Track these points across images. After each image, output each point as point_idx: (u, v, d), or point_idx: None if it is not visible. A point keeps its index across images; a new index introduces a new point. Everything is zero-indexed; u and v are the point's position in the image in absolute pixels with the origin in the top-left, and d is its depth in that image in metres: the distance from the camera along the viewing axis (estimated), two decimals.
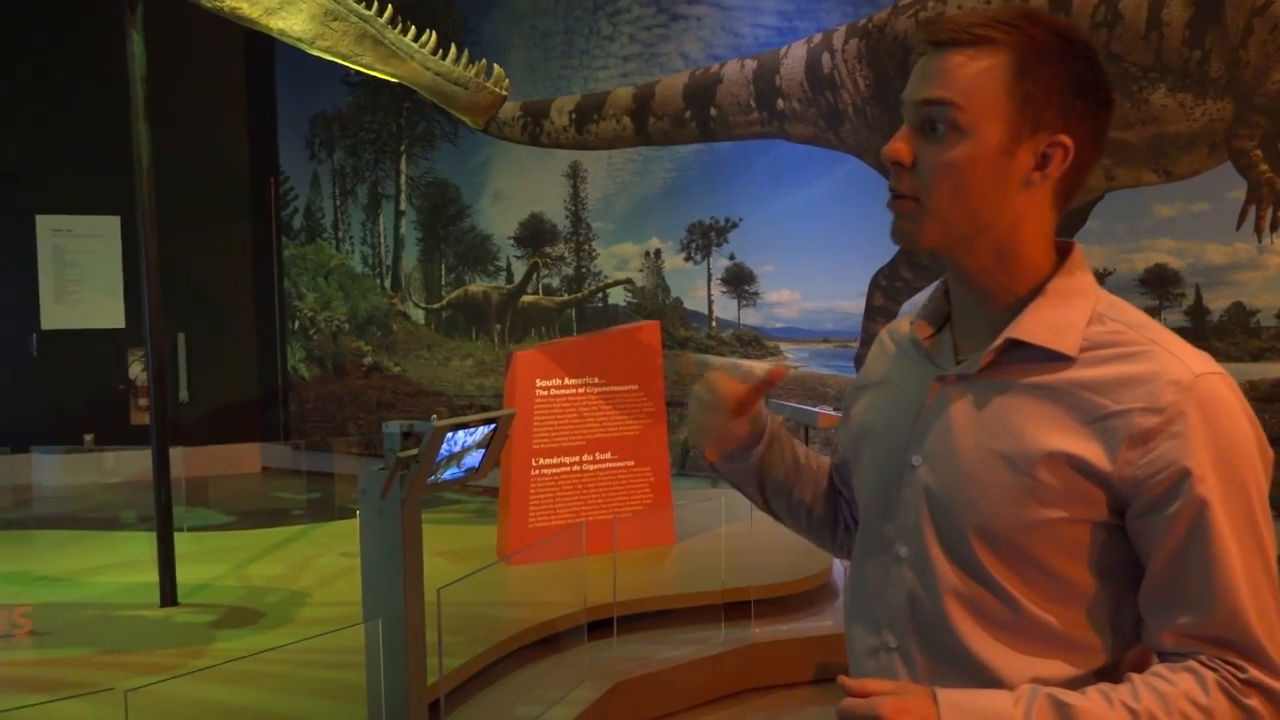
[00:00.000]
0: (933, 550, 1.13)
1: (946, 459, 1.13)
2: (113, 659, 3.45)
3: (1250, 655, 1.04)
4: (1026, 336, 1.10)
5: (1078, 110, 1.09)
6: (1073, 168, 1.11)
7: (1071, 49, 1.09)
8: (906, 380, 1.23)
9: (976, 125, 1.07)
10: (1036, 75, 1.08)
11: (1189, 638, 1.05)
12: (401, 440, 2.54)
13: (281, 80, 8.94)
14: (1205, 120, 5.68)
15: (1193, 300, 5.77)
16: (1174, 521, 1.04)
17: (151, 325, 4.12)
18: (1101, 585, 1.09)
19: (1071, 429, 1.06)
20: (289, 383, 9.18)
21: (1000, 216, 1.10)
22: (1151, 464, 1.04)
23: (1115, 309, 1.12)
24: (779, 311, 7.14)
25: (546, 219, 7.97)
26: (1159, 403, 1.04)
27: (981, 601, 1.10)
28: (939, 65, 1.09)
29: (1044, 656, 1.09)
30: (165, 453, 4.16)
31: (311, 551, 5.09)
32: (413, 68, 3.89)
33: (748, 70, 7.04)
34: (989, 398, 1.12)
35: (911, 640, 1.15)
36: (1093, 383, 1.07)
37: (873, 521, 1.23)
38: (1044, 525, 1.07)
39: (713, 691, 3.91)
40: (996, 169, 1.08)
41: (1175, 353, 1.07)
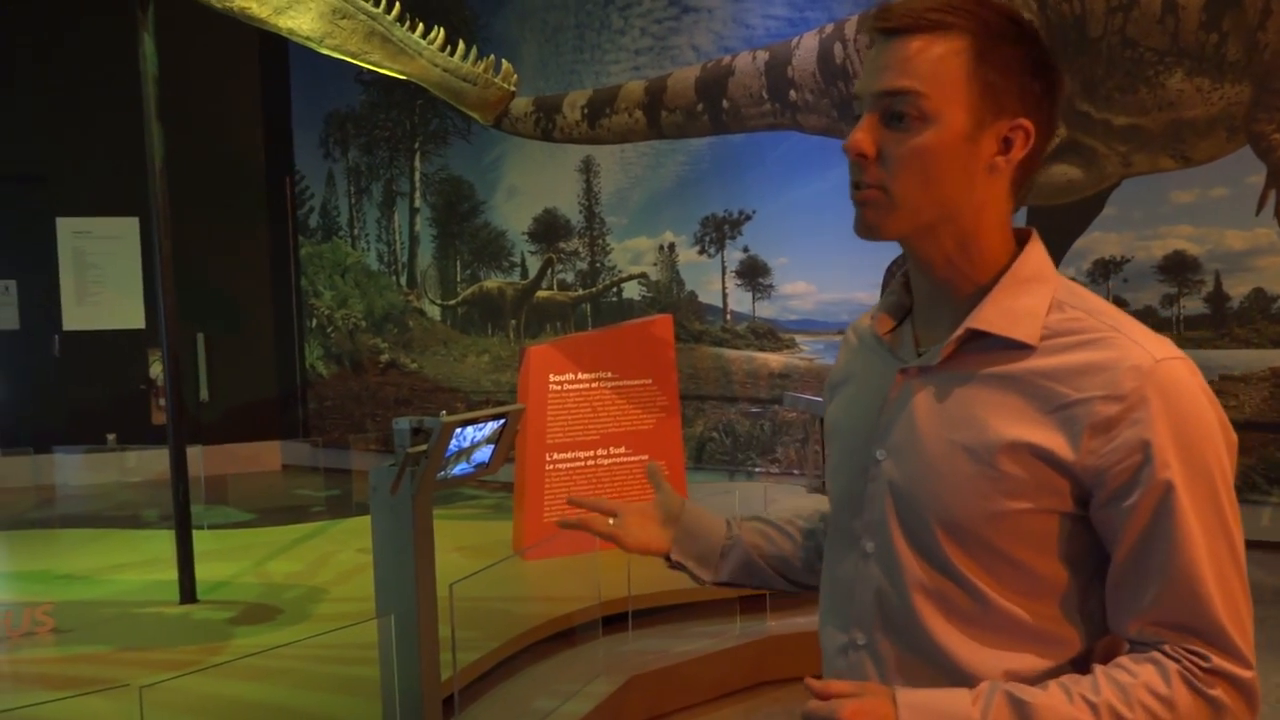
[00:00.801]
0: (898, 545, 1.13)
1: (910, 452, 1.13)
2: (132, 655, 3.49)
3: (1214, 642, 1.02)
4: (986, 326, 1.09)
5: (1035, 92, 1.08)
6: (1031, 152, 1.10)
7: (1022, 31, 1.08)
8: (870, 375, 1.22)
9: (941, 112, 1.06)
10: (995, 59, 1.06)
11: (1153, 625, 1.04)
12: (411, 436, 2.55)
13: (296, 79, 8.98)
14: (1223, 104, 5.60)
15: (1212, 287, 5.71)
16: (1138, 507, 1.03)
17: (167, 325, 4.15)
18: (1069, 576, 1.08)
19: (1033, 419, 1.05)
20: (307, 380, 9.24)
21: (966, 204, 1.09)
22: (1114, 451, 1.03)
23: (1075, 296, 1.11)
24: (794, 304, 7.12)
25: (560, 214, 7.97)
26: (1120, 390, 1.03)
27: (948, 595, 1.10)
28: (897, 54, 1.07)
29: (1013, 649, 1.08)
30: (183, 451, 4.19)
31: (329, 548, 5.13)
32: (421, 65, 3.89)
33: (759, 62, 7.01)
34: (951, 389, 1.11)
35: (880, 637, 1.15)
36: (1053, 371, 1.06)
37: (841, 518, 1.23)
38: (1008, 516, 1.06)
39: (728, 685, 3.91)
40: (962, 155, 1.07)
41: (1135, 339, 1.05)
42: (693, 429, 7.22)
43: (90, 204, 8.39)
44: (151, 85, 4.05)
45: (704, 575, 1.43)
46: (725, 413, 7.33)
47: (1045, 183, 6.03)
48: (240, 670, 3.04)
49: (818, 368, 7.03)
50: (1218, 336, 5.66)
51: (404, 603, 2.64)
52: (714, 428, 7.35)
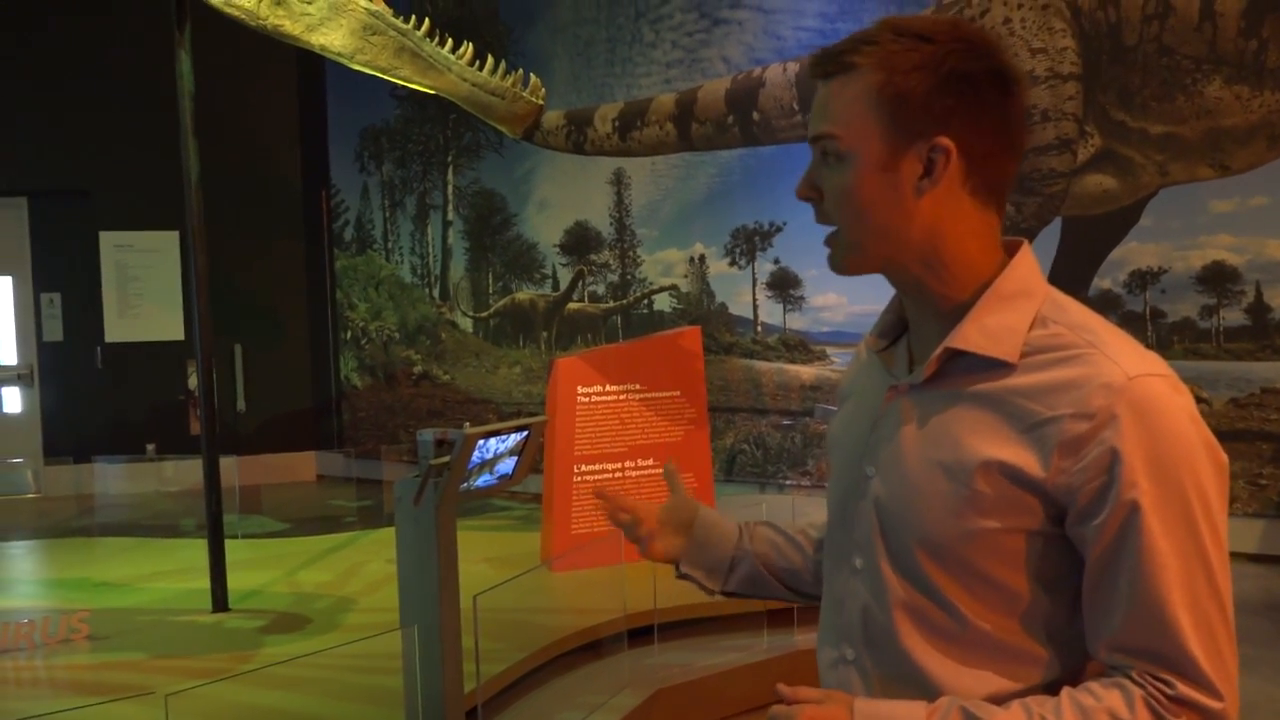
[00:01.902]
0: (882, 562, 1.13)
1: (894, 470, 1.13)
2: (164, 663, 3.53)
3: (1181, 670, 0.99)
4: (965, 345, 1.09)
5: (952, 108, 1.07)
6: (972, 163, 1.09)
7: (937, 48, 1.07)
8: (868, 391, 1.23)
9: (854, 147, 1.09)
10: (898, 87, 1.07)
11: (1119, 650, 1.02)
12: (434, 448, 2.56)
13: (332, 94, 9.12)
14: (1263, 112, 5.51)
15: (1253, 298, 5.59)
16: (1105, 527, 1.01)
17: (202, 337, 4.22)
18: (1047, 597, 1.06)
19: (1007, 437, 1.05)
20: (342, 392, 9.34)
21: (908, 229, 1.10)
22: (1083, 471, 1.01)
23: (1059, 310, 1.09)
24: (825, 315, 7.08)
25: (591, 226, 8.00)
26: (1089, 408, 1.01)
27: (927, 613, 1.09)
28: (820, 99, 1.13)
29: (991, 670, 1.07)
30: (215, 461, 4.25)
31: (360, 558, 5.17)
32: (450, 79, 3.94)
33: (790, 73, 7.00)
34: (934, 407, 1.11)
35: (864, 653, 1.15)
36: (1028, 389, 1.05)
37: (835, 533, 1.23)
38: (984, 535, 1.05)
39: (755, 700, 3.87)
40: (884, 185, 1.09)
41: (1111, 355, 1.03)
42: (723, 441, 7.20)
43: (132, 218, 8.56)
44: (187, 102, 4.13)
45: (711, 586, 1.44)
46: (756, 425, 7.30)
47: (1080, 193, 5.95)
48: (266, 679, 3.07)
49: None
50: (1259, 349, 5.54)
51: (427, 613, 2.65)
52: (745, 440, 7.32)
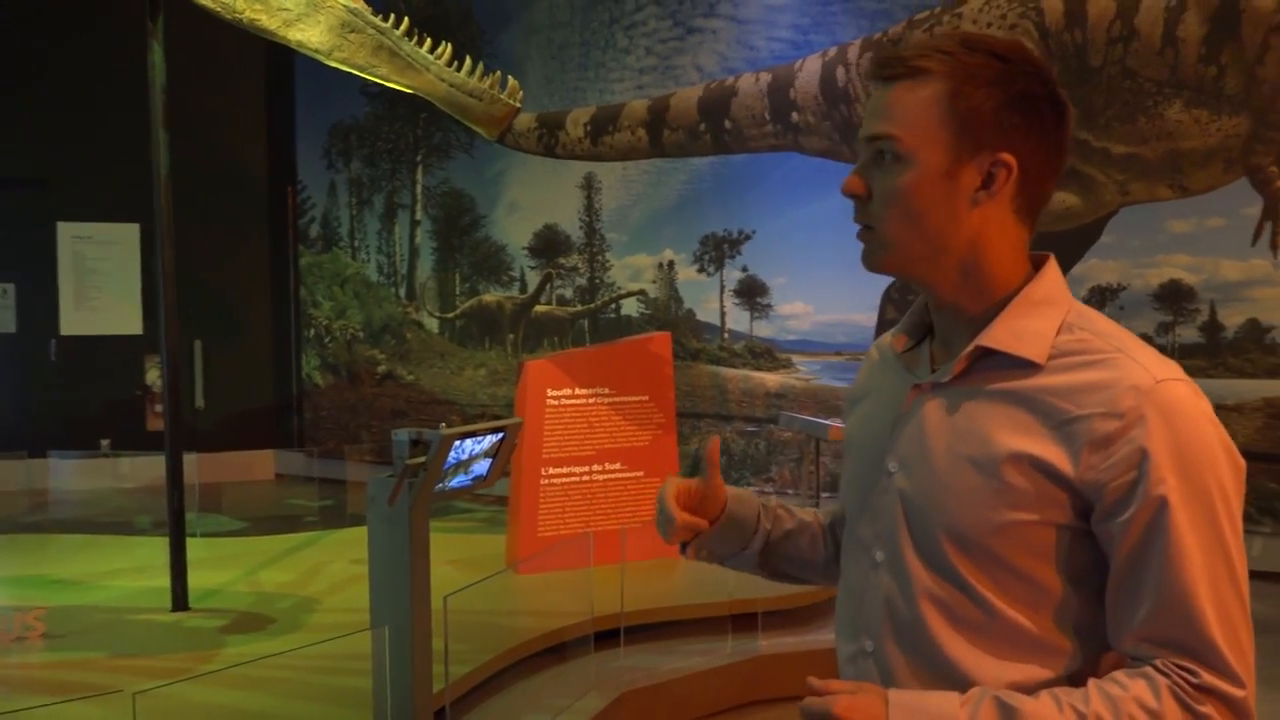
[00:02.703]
0: (908, 554, 1.16)
1: (920, 464, 1.16)
2: (123, 662, 3.48)
3: (1206, 659, 1.04)
4: (995, 344, 1.13)
5: (1017, 127, 1.12)
6: (1025, 181, 1.14)
7: (1009, 67, 1.12)
8: (886, 390, 1.26)
9: (917, 153, 1.12)
10: (971, 99, 1.11)
11: (1146, 640, 1.06)
12: (410, 448, 2.56)
13: (300, 90, 9.03)
14: (1221, 136, 5.66)
15: (1207, 316, 5.74)
16: (1132, 522, 1.05)
17: (167, 332, 4.17)
18: (1072, 589, 1.11)
19: (1037, 433, 1.09)
20: (303, 390, 9.24)
21: (956, 236, 1.14)
22: (1112, 468, 1.06)
23: (1084, 318, 1.15)
24: (791, 324, 7.15)
25: (561, 230, 8.01)
26: (1119, 407, 1.06)
27: (955, 604, 1.12)
28: (883, 100, 1.15)
29: (1017, 660, 1.10)
30: (179, 458, 4.20)
31: (323, 558, 5.12)
32: (428, 79, 3.93)
33: (762, 83, 7.07)
34: (960, 404, 1.15)
35: (888, 644, 1.17)
36: (1057, 389, 1.10)
37: (855, 528, 1.26)
38: (1012, 528, 1.09)
39: (719, 703, 3.90)
40: (941, 191, 1.13)
41: (1138, 359, 1.09)
42: (688, 446, 7.22)
43: (91, 209, 8.41)
44: (159, 93, 4.08)
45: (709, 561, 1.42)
46: (721, 431, 7.34)
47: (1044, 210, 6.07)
48: (233, 678, 3.04)
49: (814, 388, 7.05)
50: (1212, 366, 5.69)
51: (399, 614, 2.64)
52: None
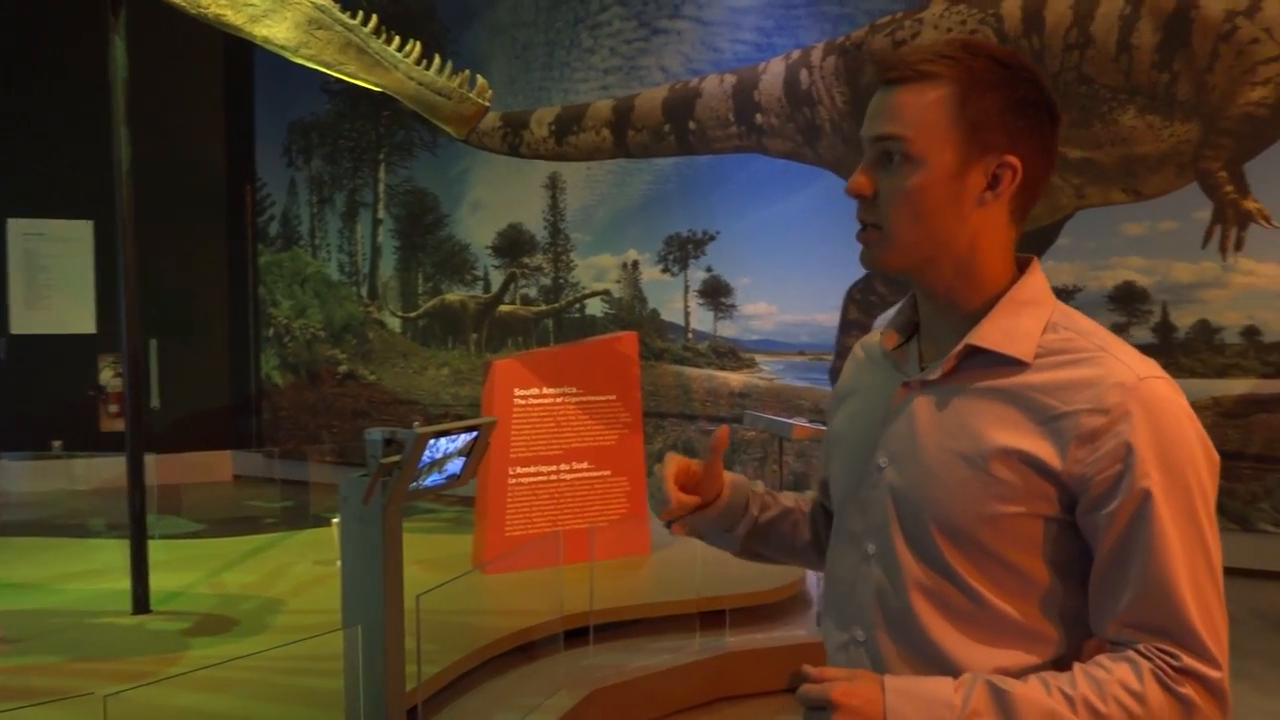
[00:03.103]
0: (899, 546, 1.19)
1: (910, 459, 1.20)
2: (85, 666, 3.42)
3: (1185, 644, 1.09)
4: (984, 343, 1.17)
5: (1022, 130, 1.16)
6: (1024, 184, 1.18)
7: (1011, 73, 1.16)
8: (875, 387, 1.30)
9: (927, 154, 1.15)
10: (979, 102, 1.15)
11: (1129, 626, 1.11)
12: (384, 447, 2.55)
13: (260, 86, 8.93)
14: (1173, 141, 5.81)
15: (1160, 317, 5.89)
16: (1118, 513, 1.09)
17: (128, 331, 4.10)
18: (1057, 579, 1.15)
19: (1025, 429, 1.13)
20: (262, 390, 9.13)
21: (959, 236, 1.18)
22: (1098, 461, 1.10)
23: (1068, 318, 1.19)
24: (755, 324, 7.20)
25: (525, 229, 7.99)
26: (1105, 404, 1.10)
27: (945, 594, 1.16)
28: (890, 102, 1.17)
29: (1004, 647, 1.14)
30: (140, 459, 4.13)
31: (286, 559, 5.07)
32: (396, 78, 3.91)
33: (727, 85, 7.12)
34: (949, 401, 1.19)
35: (879, 634, 1.21)
36: (1045, 386, 1.13)
37: (844, 521, 1.29)
38: (1001, 520, 1.13)
39: (687, 700, 3.93)
40: (950, 192, 1.16)
41: (1121, 358, 1.13)
42: (652, 446, 7.25)
43: (43, 205, 8.24)
44: (121, 89, 4.01)
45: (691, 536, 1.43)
46: (685, 430, 7.38)
47: None
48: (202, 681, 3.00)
49: (778, 388, 7.11)
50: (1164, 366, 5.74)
51: (372, 614, 2.63)
52: (673, 445, 7.39)
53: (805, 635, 4.26)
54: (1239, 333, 5.76)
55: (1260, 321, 5.72)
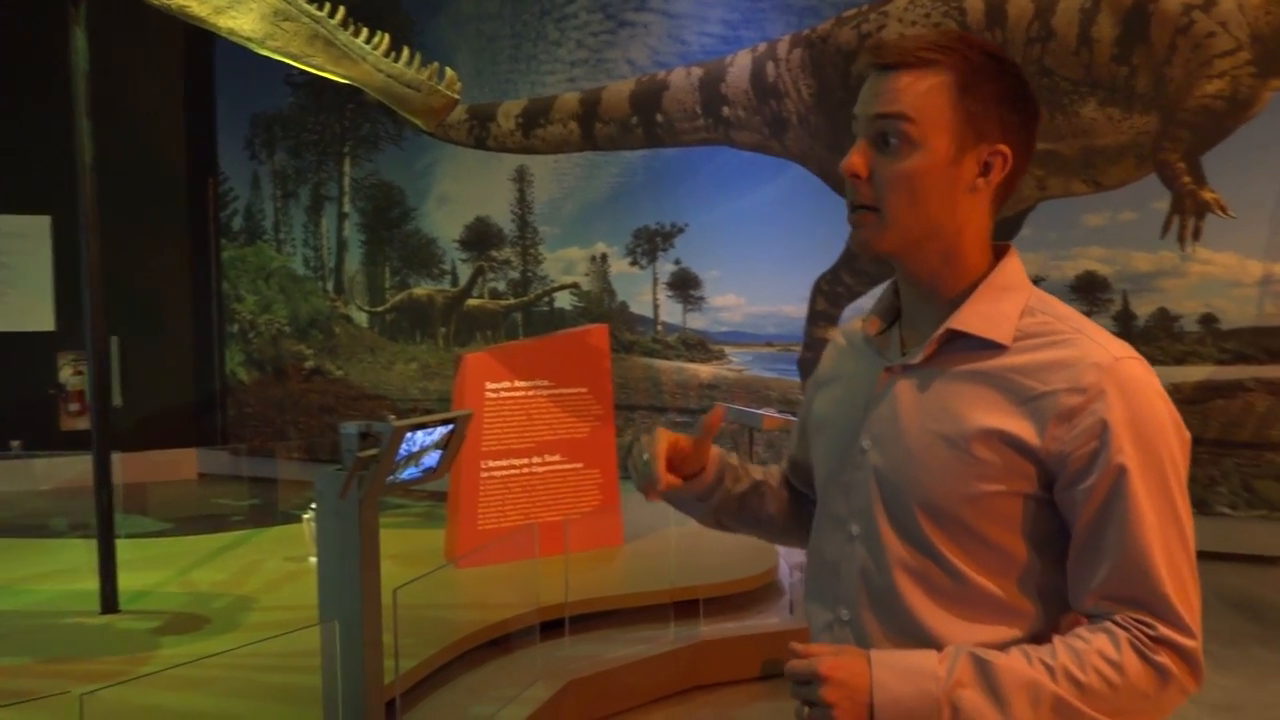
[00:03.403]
0: (882, 527, 1.22)
1: (893, 441, 1.23)
2: (55, 667, 3.38)
3: (1160, 614, 1.13)
4: (965, 327, 1.20)
5: (1012, 122, 1.20)
6: (1011, 174, 1.22)
7: (1003, 67, 1.20)
8: (858, 373, 1.32)
9: (926, 137, 1.17)
10: (976, 92, 1.18)
11: (1106, 598, 1.14)
12: (359, 441, 2.54)
13: (221, 79, 8.80)
14: (1132, 133, 5.91)
15: (1120, 306, 6.00)
16: (1095, 489, 1.13)
17: (93, 328, 4.04)
18: (1036, 555, 1.18)
19: (1005, 409, 1.16)
20: (227, 387, 9.02)
21: (949, 221, 1.21)
22: (1076, 438, 1.13)
23: (1044, 303, 1.23)
24: (724, 315, 7.24)
25: (492, 222, 7.97)
26: (1081, 383, 1.14)
27: (927, 573, 1.19)
28: (889, 85, 1.19)
29: (985, 623, 1.18)
30: (107, 457, 4.08)
31: (255, 556, 5.03)
32: (365, 70, 3.88)
33: (694, 78, 7.13)
34: (931, 384, 1.22)
35: (864, 613, 1.24)
36: (1023, 368, 1.17)
37: (828, 504, 1.32)
38: (981, 498, 1.16)
39: (663, 689, 3.96)
40: (946, 177, 1.19)
41: (1097, 339, 1.17)
42: (622, 438, 7.26)
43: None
44: (82, 81, 3.95)
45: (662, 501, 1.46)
46: (655, 422, 7.40)
47: None
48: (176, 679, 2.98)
49: (747, 379, 7.16)
50: None
51: (349, 608, 2.63)
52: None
53: (778, 623, 4.31)
54: (1197, 320, 5.89)
55: (1217, 309, 5.85)
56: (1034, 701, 1.10)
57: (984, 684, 1.11)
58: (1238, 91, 5.67)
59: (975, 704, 1.10)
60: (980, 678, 1.11)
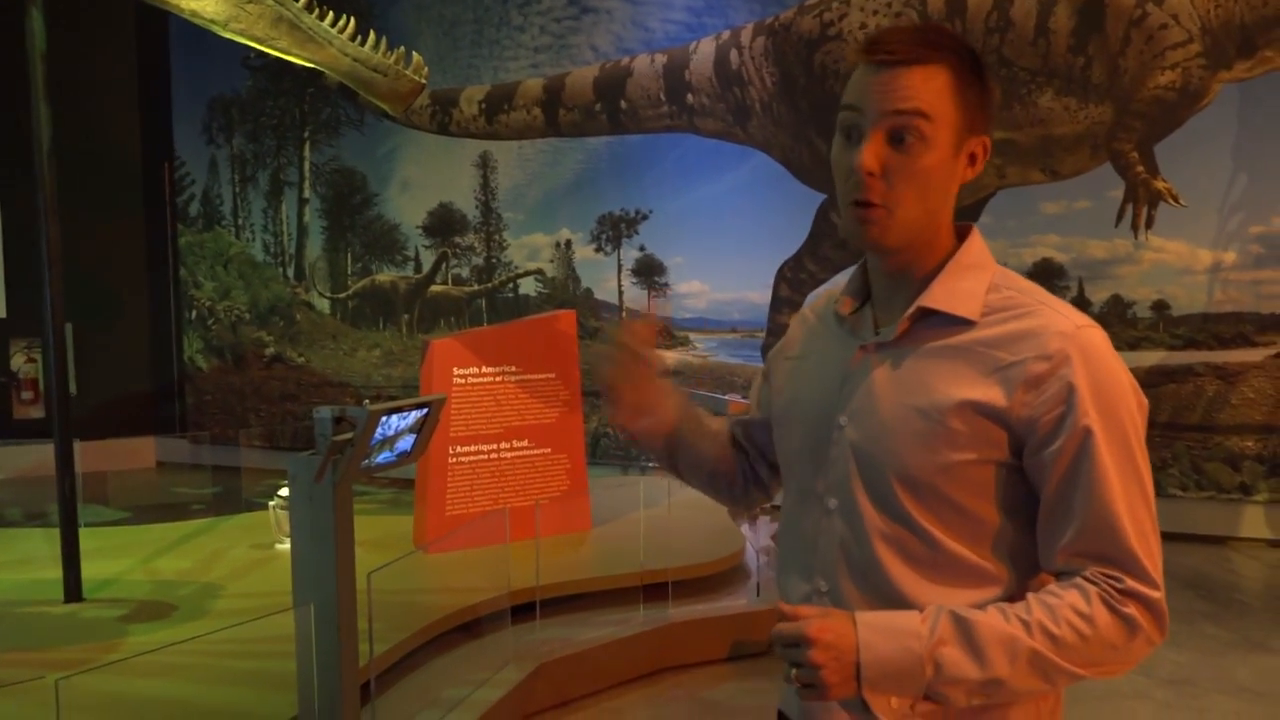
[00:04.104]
0: (860, 499, 1.27)
1: (869, 416, 1.27)
2: (21, 656, 3.34)
3: (1127, 568, 1.19)
4: (935, 304, 1.25)
5: (989, 116, 1.27)
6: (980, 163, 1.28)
7: (977, 62, 1.26)
8: (830, 351, 1.37)
9: (938, 134, 1.22)
10: (971, 88, 1.24)
11: (1075, 555, 1.20)
12: (334, 425, 2.54)
13: (176, 61, 8.65)
14: (1088, 123, 6.04)
15: (1076, 292, 6.14)
16: (1063, 450, 1.19)
17: (53, 315, 3.98)
18: (1008, 520, 1.24)
19: (975, 380, 1.21)
20: (185, 374, 8.91)
21: (944, 211, 1.27)
22: (1044, 403, 1.19)
23: (1008, 279, 1.29)
24: (688, 302, 7.29)
25: (456, 208, 7.93)
26: (1048, 350, 1.19)
27: (905, 541, 1.24)
28: (902, 80, 1.21)
29: (961, 587, 1.23)
30: (69, 444, 4.03)
31: (220, 544, 4.99)
32: (331, 53, 3.85)
33: (658, 65, 7.15)
34: (904, 360, 1.27)
35: (843, 583, 1.28)
36: (992, 340, 1.22)
37: (804, 479, 1.36)
38: (955, 467, 1.21)
39: (633, 670, 4.01)
40: (948, 172, 1.24)
41: (1060, 310, 1.23)
42: (588, 424, 7.29)
43: None
44: (38, 62, 3.88)
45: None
46: None
47: None
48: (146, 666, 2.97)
49: (711, 365, 7.22)
50: None
51: (324, 592, 2.63)
52: (608, 424, 7.44)
53: (745, 605, 4.37)
54: (1149, 307, 6.05)
55: (1169, 296, 6.00)
56: (1011, 656, 1.15)
57: (964, 640, 1.16)
58: (1189, 83, 5.82)
59: (956, 660, 1.15)
60: (960, 635, 1.16)
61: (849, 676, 1.15)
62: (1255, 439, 5.85)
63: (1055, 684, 1.19)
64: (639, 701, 3.84)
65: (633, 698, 3.87)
